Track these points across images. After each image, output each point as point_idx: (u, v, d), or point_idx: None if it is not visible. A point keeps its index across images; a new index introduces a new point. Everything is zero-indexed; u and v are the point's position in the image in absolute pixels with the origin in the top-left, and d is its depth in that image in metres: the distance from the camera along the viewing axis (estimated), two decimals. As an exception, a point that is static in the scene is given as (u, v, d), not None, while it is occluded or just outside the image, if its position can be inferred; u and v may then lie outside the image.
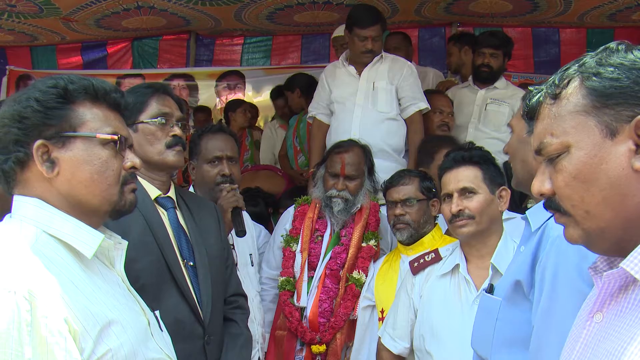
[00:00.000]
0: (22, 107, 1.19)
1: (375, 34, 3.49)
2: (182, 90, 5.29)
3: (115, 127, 1.28)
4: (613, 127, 0.86)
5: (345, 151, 2.89)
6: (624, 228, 0.87)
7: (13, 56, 5.34)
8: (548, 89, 0.96)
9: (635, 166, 0.85)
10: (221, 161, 2.51)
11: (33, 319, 1.03)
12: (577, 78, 0.91)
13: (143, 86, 1.97)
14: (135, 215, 1.75)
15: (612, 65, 0.87)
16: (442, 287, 2.18)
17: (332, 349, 2.73)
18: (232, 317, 2.03)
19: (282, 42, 5.38)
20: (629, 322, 0.85)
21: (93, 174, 1.23)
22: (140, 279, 1.68)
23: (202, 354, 1.81)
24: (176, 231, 1.86)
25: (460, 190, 2.11)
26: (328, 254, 2.84)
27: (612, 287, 0.90)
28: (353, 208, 2.87)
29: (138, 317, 1.27)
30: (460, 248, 2.21)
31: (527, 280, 1.42)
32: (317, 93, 3.80)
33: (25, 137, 1.18)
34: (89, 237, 1.21)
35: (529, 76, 4.95)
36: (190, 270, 1.84)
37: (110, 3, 4.15)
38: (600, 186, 0.87)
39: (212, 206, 2.12)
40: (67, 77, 1.26)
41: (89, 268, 1.21)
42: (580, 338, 0.94)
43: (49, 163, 1.19)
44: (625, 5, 4.15)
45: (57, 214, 1.20)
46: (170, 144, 1.88)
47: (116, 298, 1.23)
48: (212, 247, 1.96)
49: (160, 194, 1.90)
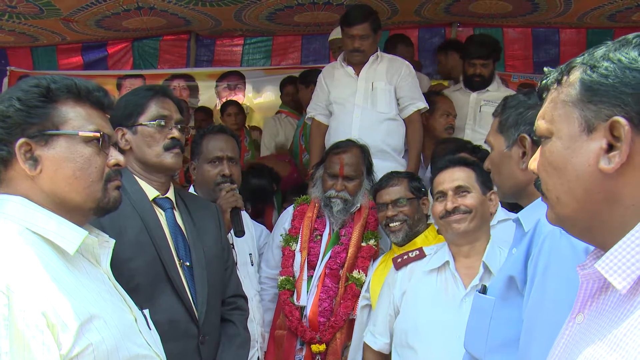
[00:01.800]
0: (4, 107, 1.21)
1: (362, 32, 3.49)
2: (183, 91, 5.30)
3: (98, 124, 1.29)
4: (591, 123, 0.87)
5: (343, 152, 2.90)
6: (590, 219, 0.89)
7: (14, 57, 5.35)
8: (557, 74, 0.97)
9: (600, 165, 0.86)
10: (222, 161, 2.54)
11: (10, 312, 1.04)
12: (580, 68, 0.91)
13: (143, 88, 1.99)
14: (131, 215, 1.76)
15: (612, 60, 0.87)
16: (429, 283, 2.19)
17: (332, 348, 2.73)
18: (230, 318, 2.04)
19: (282, 43, 5.39)
20: (604, 324, 0.86)
21: (75, 170, 1.24)
22: (135, 278, 1.69)
23: (196, 353, 1.82)
24: (173, 231, 1.87)
25: (455, 188, 2.14)
26: (327, 253, 2.84)
27: (592, 288, 0.91)
28: (352, 208, 2.88)
29: (123, 314, 1.28)
30: (447, 248, 2.22)
31: (521, 276, 1.43)
32: (315, 94, 3.80)
33: (7, 135, 1.20)
34: (71, 234, 1.22)
35: (529, 76, 4.95)
36: (187, 270, 1.84)
37: (111, 4, 4.16)
38: (568, 177, 0.89)
39: (212, 207, 2.13)
40: (50, 77, 1.27)
41: (73, 265, 1.22)
42: (562, 339, 0.96)
43: (32, 161, 1.21)
44: (625, 6, 4.15)
45: (39, 211, 1.21)
46: (168, 147, 1.89)
47: (100, 294, 1.23)
48: (210, 247, 1.97)
49: (159, 194, 1.91)
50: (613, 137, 0.85)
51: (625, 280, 0.82)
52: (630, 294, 0.83)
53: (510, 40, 5.05)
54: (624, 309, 0.83)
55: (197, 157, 2.61)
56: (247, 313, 2.15)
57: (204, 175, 2.56)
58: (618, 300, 0.85)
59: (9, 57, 5.35)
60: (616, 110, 0.85)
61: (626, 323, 0.81)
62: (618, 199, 0.86)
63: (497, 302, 1.50)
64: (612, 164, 0.84)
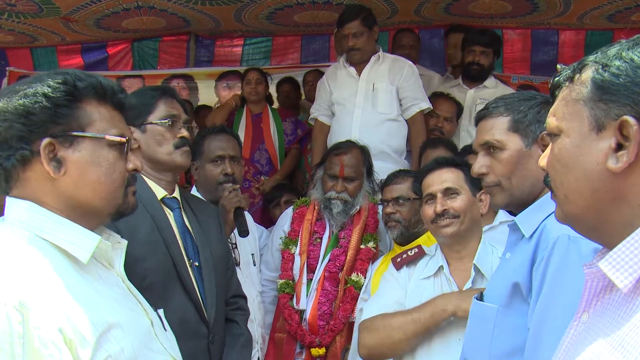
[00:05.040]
0: (29, 102, 1.13)
1: (354, 30, 3.50)
2: (182, 91, 5.30)
3: (121, 128, 1.25)
4: (601, 122, 0.87)
5: (344, 153, 2.90)
6: (597, 218, 0.89)
7: (14, 57, 5.33)
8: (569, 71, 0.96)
9: (608, 164, 0.86)
10: (223, 160, 2.57)
11: (25, 330, 0.99)
12: (592, 66, 0.91)
13: (150, 88, 2.03)
14: (143, 214, 1.77)
15: (624, 59, 0.87)
16: (426, 289, 2.16)
17: (332, 352, 2.72)
18: (233, 318, 2.06)
19: (282, 43, 5.38)
20: (607, 323, 0.86)
21: (100, 176, 1.20)
22: (148, 278, 1.70)
23: (207, 353, 1.84)
24: (182, 231, 1.89)
25: (444, 190, 2.11)
26: (327, 256, 2.83)
27: (596, 287, 0.91)
28: (352, 210, 2.87)
29: (140, 319, 1.25)
30: (440, 250, 2.20)
31: (526, 283, 1.40)
32: (318, 94, 3.81)
33: (29, 134, 1.13)
34: (84, 241, 1.17)
35: (529, 78, 4.96)
36: (196, 270, 1.86)
37: (110, 2, 4.15)
38: (576, 175, 0.90)
39: (213, 209, 2.16)
40: (74, 72, 1.20)
41: (86, 271, 1.17)
42: (568, 337, 0.96)
43: (55, 163, 1.15)
44: (624, 6, 4.15)
45: (50, 217, 1.15)
46: (178, 145, 1.92)
47: (116, 300, 1.19)
48: (216, 248, 1.99)
49: (167, 194, 1.93)
50: (622, 136, 0.85)
51: (627, 279, 0.82)
52: (633, 292, 0.83)
53: (510, 41, 5.05)
54: (627, 308, 0.84)
55: (199, 157, 2.63)
56: (248, 313, 2.17)
57: (207, 175, 2.58)
58: (621, 299, 0.86)
59: (9, 58, 5.33)
60: (626, 110, 0.85)
61: (629, 323, 0.81)
62: (625, 199, 0.86)
63: (500, 309, 1.46)
64: (620, 163, 0.84)
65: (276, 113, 4.35)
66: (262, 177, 4.11)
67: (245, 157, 3.96)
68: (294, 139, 4.30)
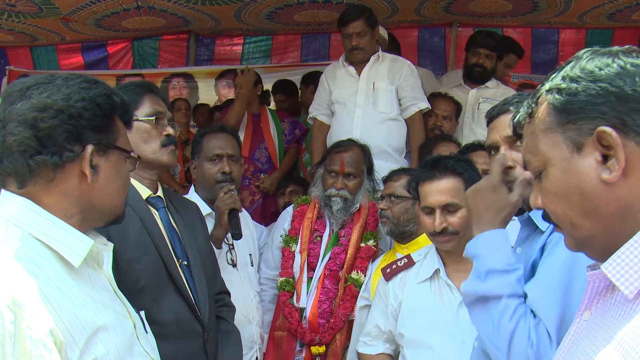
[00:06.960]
0: (80, 106, 1.17)
1: (357, 30, 3.49)
2: (182, 90, 5.30)
3: (130, 144, 1.34)
4: (578, 141, 0.89)
5: (344, 150, 2.90)
6: (606, 235, 0.90)
7: (14, 56, 5.33)
8: (526, 107, 0.99)
9: (602, 177, 0.86)
10: (222, 159, 2.57)
11: (17, 330, 0.99)
12: (546, 95, 0.94)
13: (133, 84, 1.98)
14: (131, 215, 1.75)
15: (572, 78, 0.90)
16: (423, 293, 2.14)
17: (332, 350, 2.73)
18: (221, 315, 2.05)
19: (282, 42, 5.38)
20: (608, 322, 0.87)
21: (120, 186, 1.28)
22: (141, 280, 1.69)
23: (203, 351, 1.83)
24: (169, 231, 1.87)
25: (442, 206, 2.06)
26: (327, 254, 2.84)
27: (599, 286, 0.92)
28: (352, 207, 2.88)
29: (124, 322, 1.26)
30: (436, 252, 2.18)
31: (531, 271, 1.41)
32: (317, 94, 3.81)
33: (77, 137, 1.17)
34: (77, 244, 1.17)
35: (529, 77, 4.96)
36: (185, 269, 1.85)
37: (110, 3, 4.14)
38: (576, 200, 0.90)
39: (194, 206, 2.14)
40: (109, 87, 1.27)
41: (77, 273, 1.18)
42: (570, 335, 0.97)
43: (92, 169, 1.20)
44: (625, 5, 4.15)
45: (45, 217, 1.15)
46: (165, 143, 1.89)
47: (104, 303, 1.20)
48: (202, 245, 1.98)
49: (151, 193, 1.91)
50: (603, 147, 0.86)
51: (633, 285, 0.83)
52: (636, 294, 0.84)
53: (510, 40, 5.05)
54: (629, 308, 0.84)
55: (198, 156, 2.63)
56: (234, 309, 2.17)
57: (205, 174, 2.58)
58: (623, 299, 0.86)
59: (9, 57, 5.33)
60: (597, 122, 0.86)
61: (630, 323, 0.82)
62: (627, 206, 0.87)
63: None
64: (614, 172, 0.85)
65: (274, 114, 4.36)
66: (262, 175, 4.11)
67: (246, 156, 3.95)
68: (292, 139, 4.31)
